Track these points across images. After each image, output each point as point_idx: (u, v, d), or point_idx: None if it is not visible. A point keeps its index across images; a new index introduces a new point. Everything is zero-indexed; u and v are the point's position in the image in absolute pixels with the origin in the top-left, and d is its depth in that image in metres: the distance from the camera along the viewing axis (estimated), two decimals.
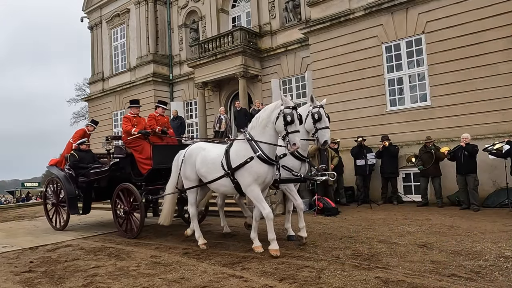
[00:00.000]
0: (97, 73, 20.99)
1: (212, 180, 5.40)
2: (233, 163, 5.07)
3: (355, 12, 11.25)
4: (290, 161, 5.46)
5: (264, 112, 5.03)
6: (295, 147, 4.61)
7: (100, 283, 4.14)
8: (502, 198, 8.54)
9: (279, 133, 4.83)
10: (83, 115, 34.87)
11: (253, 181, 4.91)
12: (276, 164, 5.03)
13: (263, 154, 4.87)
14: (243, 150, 5.03)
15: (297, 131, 4.64)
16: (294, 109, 4.71)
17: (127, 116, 7.37)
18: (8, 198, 39.07)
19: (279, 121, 4.73)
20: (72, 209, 7.94)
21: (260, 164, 4.87)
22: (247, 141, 5.04)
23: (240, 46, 14.14)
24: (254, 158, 4.88)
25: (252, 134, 5.07)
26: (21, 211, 15.10)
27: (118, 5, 19.88)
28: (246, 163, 4.91)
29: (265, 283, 3.82)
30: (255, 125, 5.10)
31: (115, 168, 7.35)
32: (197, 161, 5.66)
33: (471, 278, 3.69)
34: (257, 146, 4.93)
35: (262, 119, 4.99)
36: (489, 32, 9.14)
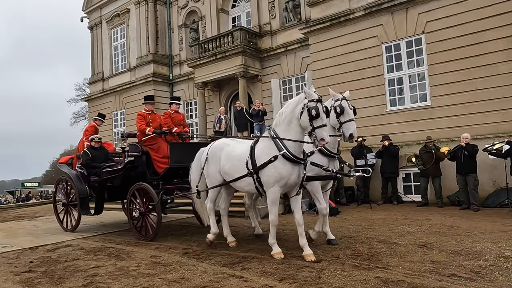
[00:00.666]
0: (97, 73, 20.99)
1: (236, 178, 5.13)
2: (258, 162, 4.81)
3: (355, 12, 11.25)
4: (317, 159, 5.13)
5: (287, 108, 4.72)
6: (323, 142, 4.29)
7: (100, 283, 4.14)
8: (502, 198, 8.54)
9: (305, 129, 4.52)
10: (83, 115, 34.87)
11: (275, 182, 4.63)
12: (303, 162, 4.69)
13: (288, 153, 4.56)
14: (268, 148, 4.76)
15: (324, 125, 4.32)
16: (319, 101, 4.39)
17: (141, 113, 7.06)
18: (8, 198, 39.06)
19: (303, 116, 4.42)
20: (83, 210, 7.64)
21: (283, 164, 4.58)
22: (272, 139, 4.74)
23: (240, 46, 14.14)
24: (279, 157, 4.58)
25: (277, 131, 4.76)
26: (21, 211, 15.10)
27: (118, 5, 19.88)
28: (270, 162, 4.62)
29: (265, 283, 3.82)
30: (279, 122, 4.80)
31: (130, 167, 7.04)
32: (222, 158, 5.38)
33: (471, 278, 3.69)
34: (282, 144, 4.63)
35: (286, 115, 4.70)
36: (489, 32, 9.15)
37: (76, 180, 7.80)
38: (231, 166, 5.21)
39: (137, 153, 6.95)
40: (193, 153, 6.12)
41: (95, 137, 8.12)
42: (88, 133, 8.63)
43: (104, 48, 20.66)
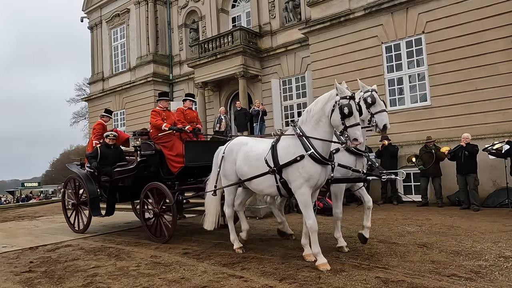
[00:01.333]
0: (97, 73, 20.99)
1: (254, 176, 4.76)
2: (281, 160, 4.48)
3: (355, 12, 11.25)
4: (343, 157, 4.82)
5: (316, 105, 4.38)
6: (356, 143, 4.01)
7: (100, 283, 4.14)
8: (502, 198, 8.54)
9: (335, 128, 4.24)
10: (83, 115, 34.88)
11: (304, 183, 4.32)
12: (330, 163, 4.41)
13: (316, 153, 4.26)
14: (293, 147, 4.43)
15: (357, 124, 4.02)
16: (352, 99, 4.09)
17: (156, 110, 6.78)
18: (9, 198, 39.09)
19: (334, 114, 4.12)
20: (94, 211, 7.35)
21: (312, 164, 4.27)
22: (298, 137, 4.43)
23: (240, 46, 14.14)
24: (305, 157, 4.28)
25: (304, 129, 4.43)
26: (21, 211, 15.10)
27: (118, 5, 19.88)
28: (296, 161, 4.32)
29: (265, 283, 3.82)
30: (306, 119, 4.47)
31: (143, 166, 6.71)
32: (238, 158, 5.04)
33: (471, 278, 3.69)
34: (309, 143, 4.32)
35: (315, 113, 4.37)
36: (489, 32, 9.15)
37: (86, 180, 7.54)
38: (249, 167, 4.88)
39: (150, 152, 6.62)
40: (209, 151, 5.87)
41: (110, 134, 7.73)
42: (96, 131, 8.29)
43: (104, 48, 20.66)
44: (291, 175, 4.41)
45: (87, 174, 7.65)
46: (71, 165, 8.45)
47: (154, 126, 6.62)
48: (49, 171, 59.38)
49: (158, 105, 6.95)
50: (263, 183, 4.76)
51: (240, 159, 5.01)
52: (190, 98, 7.31)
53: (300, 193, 4.37)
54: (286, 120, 14.39)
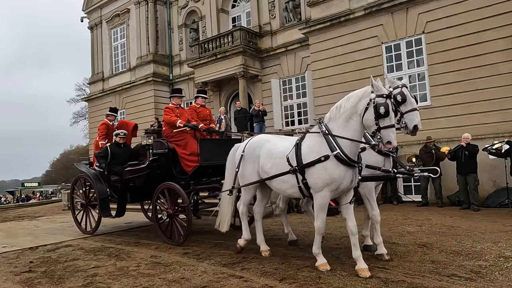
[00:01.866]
0: (97, 73, 20.99)
1: (275, 175, 4.50)
2: (304, 160, 4.18)
3: (355, 12, 11.25)
4: (370, 157, 4.52)
5: (348, 102, 4.05)
6: (390, 146, 3.74)
7: (100, 283, 4.14)
8: (502, 198, 8.54)
9: (367, 128, 3.94)
10: (83, 115, 34.87)
11: (325, 186, 4.04)
12: (358, 165, 4.10)
13: (342, 153, 3.96)
14: (317, 146, 4.14)
15: (392, 125, 3.73)
16: (389, 97, 3.79)
17: (169, 106, 6.53)
18: (8, 198, 39.10)
19: (368, 113, 3.81)
20: (104, 212, 7.14)
21: (336, 166, 3.98)
22: (323, 135, 4.13)
23: (240, 46, 14.15)
24: (330, 158, 3.99)
25: (331, 127, 4.14)
26: (21, 211, 15.10)
27: (118, 5, 19.89)
28: (320, 161, 4.03)
29: (265, 283, 3.82)
30: (334, 116, 4.16)
31: (155, 166, 6.44)
32: (262, 156, 4.73)
33: (471, 278, 3.69)
34: (336, 143, 4.02)
35: (345, 110, 4.05)
36: (489, 32, 9.15)
37: (96, 180, 7.33)
38: (272, 165, 4.59)
39: (162, 150, 6.34)
40: (225, 150, 5.62)
41: (120, 132, 7.49)
42: (100, 132, 8.13)
43: (104, 48, 20.66)
44: (312, 176, 4.13)
45: (96, 174, 7.47)
46: (80, 164, 8.27)
47: (168, 123, 6.36)
48: (49, 171, 59.41)
49: (171, 102, 6.70)
50: (285, 183, 4.48)
51: (263, 157, 4.72)
52: (203, 95, 7.01)
53: (320, 196, 4.12)
54: (286, 120, 14.40)
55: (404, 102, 4.26)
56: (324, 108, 11.72)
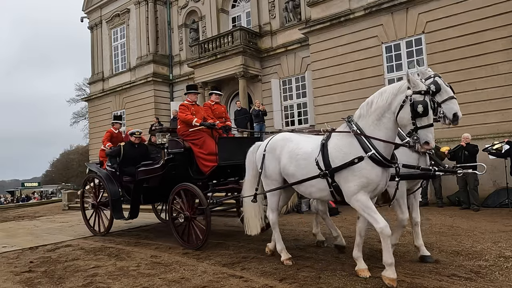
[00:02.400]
0: (97, 73, 20.99)
1: (302, 180, 4.19)
2: (332, 162, 3.88)
3: (355, 12, 11.25)
4: (404, 156, 4.18)
5: (381, 97, 3.71)
6: (428, 147, 3.45)
7: (100, 283, 4.14)
8: (502, 198, 8.54)
9: (401, 127, 3.65)
10: (83, 115, 34.88)
11: (360, 189, 3.73)
12: (394, 166, 3.78)
13: (377, 154, 3.66)
14: (348, 146, 3.83)
15: (431, 125, 3.42)
16: (428, 94, 3.46)
17: (184, 104, 6.27)
18: (8, 198, 39.10)
19: (403, 111, 3.50)
20: (116, 213, 6.93)
21: (372, 167, 3.67)
22: (354, 135, 3.81)
23: (240, 46, 14.15)
24: (365, 159, 3.68)
25: (361, 125, 3.83)
26: (21, 211, 15.11)
27: (118, 5, 19.88)
28: (353, 164, 3.72)
29: (265, 283, 3.82)
30: (365, 113, 3.84)
31: (170, 166, 6.14)
32: (283, 156, 4.44)
33: (471, 278, 3.69)
34: (369, 142, 3.71)
35: (377, 107, 3.71)
36: (489, 32, 9.15)
37: (108, 181, 7.09)
38: (296, 167, 4.28)
39: (178, 150, 6.07)
40: (244, 149, 5.40)
41: (136, 132, 7.25)
42: (104, 140, 8.11)
43: (104, 48, 20.66)
44: (345, 179, 3.80)
45: (108, 174, 7.23)
46: (91, 164, 8.17)
47: (183, 121, 6.09)
48: (49, 171, 59.37)
49: (186, 99, 6.41)
50: (313, 186, 4.16)
51: (285, 158, 4.41)
52: (217, 92, 6.77)
53: (356, 199, 3.78)
54: (286, 120, 14.40)
55: (438, 91, 3.95)
56: (324, 108, 11.72)
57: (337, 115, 10.92)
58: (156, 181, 6.37)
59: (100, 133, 20.16)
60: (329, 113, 11.29)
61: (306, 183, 4.19)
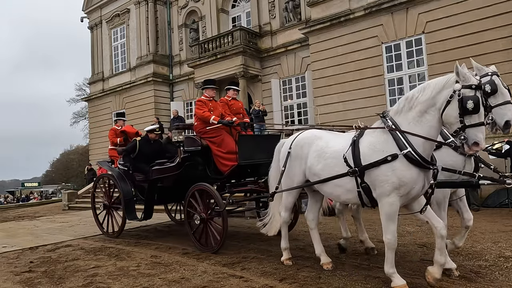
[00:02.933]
0: (97, 73, 21.01)
1: (327, 178, 3.84)
2: (364, 159, 3.54)
3: (355, 12, 11.26)
4: (448, 157, 3.76)
5: (424, 92, 3.35)
6: (477, 148, 3.07)
7: (100, 283, 4.14)
8: (502, 198, 8.54)
9: (447, 125, 3.27)
10: (83, 115, 34.89)
11: (393, 190, 3.39)
12: (432, 167, 3.39)
13: (413, 153, 3.30)
14: (382, 143, 3.49)
15: (482, 123, 3.06)
16: (478, 89, 3.08)
17: (201, 99, 5.98)
18: (9, 198, 39.10)
19: (450, 107, 3.14)
20: (129, 214, 6.63)
21: (407, 167, 3.32)
22: (389, 131, 3.46)
23: (240, 46, 14.15)
24: (399, 157, 3.32)
25: (398, 121, 3.47)
26: (21, 211, 15.11)
27: (118, 5, 19.91)
28: (386, 161, 3.38)
29: (265, 283, 3.81)
30: (404, 109, 3.48)
31: (187, 165, 5.83)
32: (310, 155, 4.07)
33: (471, 278, 3.69)
34: (406, 140, 3.36)
35: (419, 102, 3.36)
36: (489, 32, 9.15)
37: (120, 180, 6.79)
38: (324, 166, 3.92)
39: (195, 148, 5.78)
40: (264, 147, 5.12)
41: (155, 128, 6.96)
42: (110, 138, 7.99)
43: (104, 48, 20.68)
44: (377, 179, 3.47)
45: (120, 173, 6.93)
46: (102, 162, 7.98)
47: (200, 118, 5.79)
48: (49, 171, 59.37)
49: (204, 94, 6.13)
50: (340, 187, 3.80)
51: (312, 156, 4.06)
52: (234, 87, 6.50)
53: (387, 202, 3.45)
54: (286, 120, 14.40)
55: (494, 93, 3.44)
56: (324, 108, 11.73)
57: (337, 115, 10.94)
58: (171, 180, 6.10)
59: (100, 133, 20.20)
60: (329, 113, 11.30)
61: (332, 183, 3.84)
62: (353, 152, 3.64)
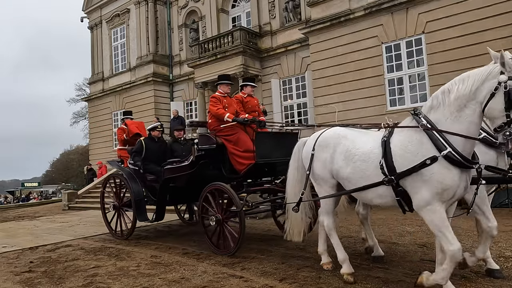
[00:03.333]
0: (97, 73, 21.00)
1: (362, 187, 3.52)
2: (396, 162, 3.24)
3: (355, 12, 11.26)
4: (480, 153, 3.41)
5: (463, 85, 3.06)
6: None
7: (100, 283, 4.14)
8: (502, 198, 8.54)
9: (489, 120, 3.03)
10: (83, 115, 34.88)
11: (434, 197, 3.06)
12: (476, 167, 3.10)
13: (454, 153, 2.99)
14: (416, 144, 3.17)
15: None
16: None
17: (216, 96, 5.75)
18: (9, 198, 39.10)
19: (495, 101, 2.86)
20: (140, 215, 6.43)
21: (447, 170, 3.00)
22: (424, 130, 3.14)
23: (240, 46, 14.15)
24: (439, 160, 3.01)
25: (433, 118, 3.16)
26: (21, 211, 15.11)
27: (118, 5, 19.91)
28: (424, 166, 3.05)
29: (265, 283, 3.81)
30: (440, 104, 3.17)
31: (201, 164, 5.58)
32: (337, 157, 3.75)
33: (471, 278, 3.69)
34: (444, 139, 3.05)
35: (458, 96, 3.05)
36: (489, 32, 9.15)
37: (130, 179, 6.59)
38: (353, 169, 3.59)
39: (209, 146, 5.56)
40: (282, 145, 4.92)
41: (157, 125, 6.87)
42: (119, 137, 7.91)
43: (104, 48, 20.68)
44: (414, 184, 3.16)
45: (131, 173, 6.72)
46: (113, 162, 7.84)
47: (214, 115, 5.59)
48: (49, 171, 59.37)
49: (218, 90, 5.92)
50: (372, 191, 3.51)
51: (339, 158, 3.72)
52: (251, 84, 6.31)
53: (429, 210, 3.10)
54: (286, 120, 14.40)
55: None
56: (325, 108, 11.72)
57: (337, 115, 10.93)
58: (184, 180, 5.85)
59: (100, 133, 20.20)
60: (329, 113, 11.29)
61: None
62: (385, 156, 3.32)
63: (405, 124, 3.37)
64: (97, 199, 13.19)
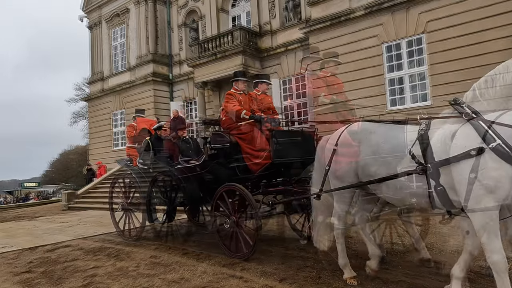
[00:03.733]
0: (97, 73, 20.98)
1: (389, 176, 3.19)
2: (437, 155, 2.92)
3: (356, 11, 11.25)
4: None
5: (509, 73, 2.92)
6: None
7: (99, 284, 4.13)
8: None
9: None
10: (83, 115, 34.84)
11: (486, 195, 2.67)
12: None
13: (504, 145, 2.63)
14: (460, 136, 2.85)
15: None
16: None
17: (231, 92, 5.59)
18: (8, 198, 39.10)
19: None
20: (150, 216, 6.32)
21: (499, 164, 2.63)
22: (467, 120, 2.86)
23: (240, 46, 14.14)
24: (486, 152, 2.67)
25: (478, 109, 2.90)
26: (21, 211, 15.10)
27: (117, 4, 19.87)
28: (469, 157, 2.72)
29: (265, 283, 3.80)
30: (483, 93, 2.97)
31: (215, 163, 5.41)
32: (364, 153, 3.50)
33: (471, 278, 3.67)
34: (492, 130, 2.71)
35: (504, 85, 2.85)
36: (489, 32, 9.14)
37: (140, 180, 6.49)
38: (381, 165, 3.30)
39: (223, 145, 5.34)
40: (300, 145, 4.77)
41: (162, 125, 6.87)
42: (129, 134, 7.82)
43: (104, 47, 20.65)
44: (459, 180, 2.78)
45: (140, 172, 6.59)
46: (121, 161, 7.78)
47: (229, 113, 5.38)
48: (49, 171, 59.35)
49: (233, 87, 5.75)
50: (404, 188, 3.13)
51: (367, 155, 3.45)
52: (266, 81, 6.07)
53: (481, 212, 2.71)
54: (286, 120, 14.38)
55: None
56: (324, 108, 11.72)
57: None
58: (196, 180, 5.67)
59: (100, 133, 20.17)
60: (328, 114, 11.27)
61: (395, 183, 3.18)
62: (422, 147, 3.00)
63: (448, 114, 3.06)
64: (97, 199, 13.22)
